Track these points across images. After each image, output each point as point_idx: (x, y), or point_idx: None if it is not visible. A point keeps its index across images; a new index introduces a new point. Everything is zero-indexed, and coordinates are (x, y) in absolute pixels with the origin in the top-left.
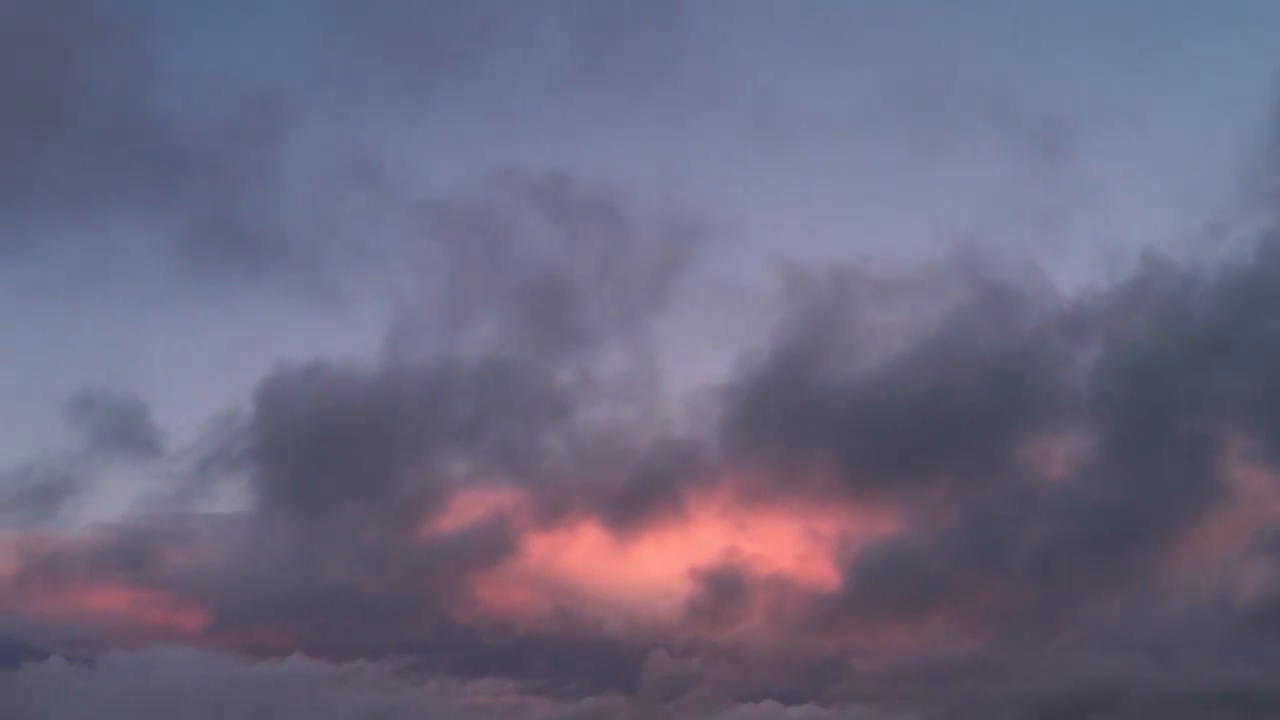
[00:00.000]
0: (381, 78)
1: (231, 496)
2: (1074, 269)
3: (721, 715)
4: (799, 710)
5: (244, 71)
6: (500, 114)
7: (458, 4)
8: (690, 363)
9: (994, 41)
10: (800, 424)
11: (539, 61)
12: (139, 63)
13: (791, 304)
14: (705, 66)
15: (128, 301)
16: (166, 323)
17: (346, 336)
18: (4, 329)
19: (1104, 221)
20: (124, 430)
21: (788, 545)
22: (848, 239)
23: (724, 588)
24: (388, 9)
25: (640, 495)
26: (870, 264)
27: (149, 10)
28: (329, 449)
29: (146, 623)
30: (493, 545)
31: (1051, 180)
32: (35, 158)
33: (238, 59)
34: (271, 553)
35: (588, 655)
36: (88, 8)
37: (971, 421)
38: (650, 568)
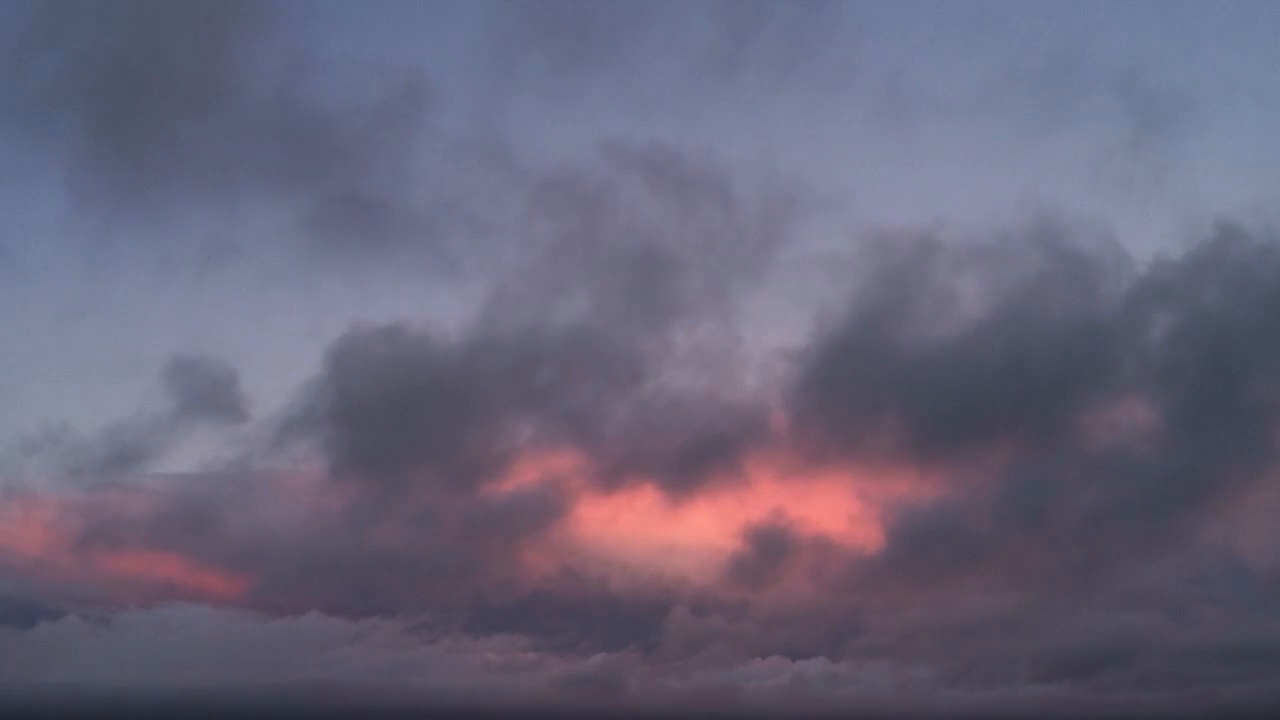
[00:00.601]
0: (529, 63)
1: (303, 458)
2: (1152, 237)
3: (733, 670)
4: (807, 664)
5: (394, 56)
6: (640, 98)
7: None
8: (771, 328)
9: (1124, 19)
10: (869, 388)
11: (684, 46)
12: (290, 47)
13: (871, 270)
14: (841, 49)
15: (251, 273)
16: (284, 293)
17: (452, 305)
18: (133, 300)
19: (1184, 191)
20: (212, 394)
21: (838, 507)
22: (936, 208)
23: (768, 548)
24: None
25: (699, 459)
26: (950, 231)
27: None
28: (400, 412)
29: (169, 581)
30: (543, 509)
31: (1141, 151)
32: (185, 138)
33: (390, 44)
34: (326, 513)
35: (607, 614)
36: None
37: (1039, 387)
38: (698, 530)
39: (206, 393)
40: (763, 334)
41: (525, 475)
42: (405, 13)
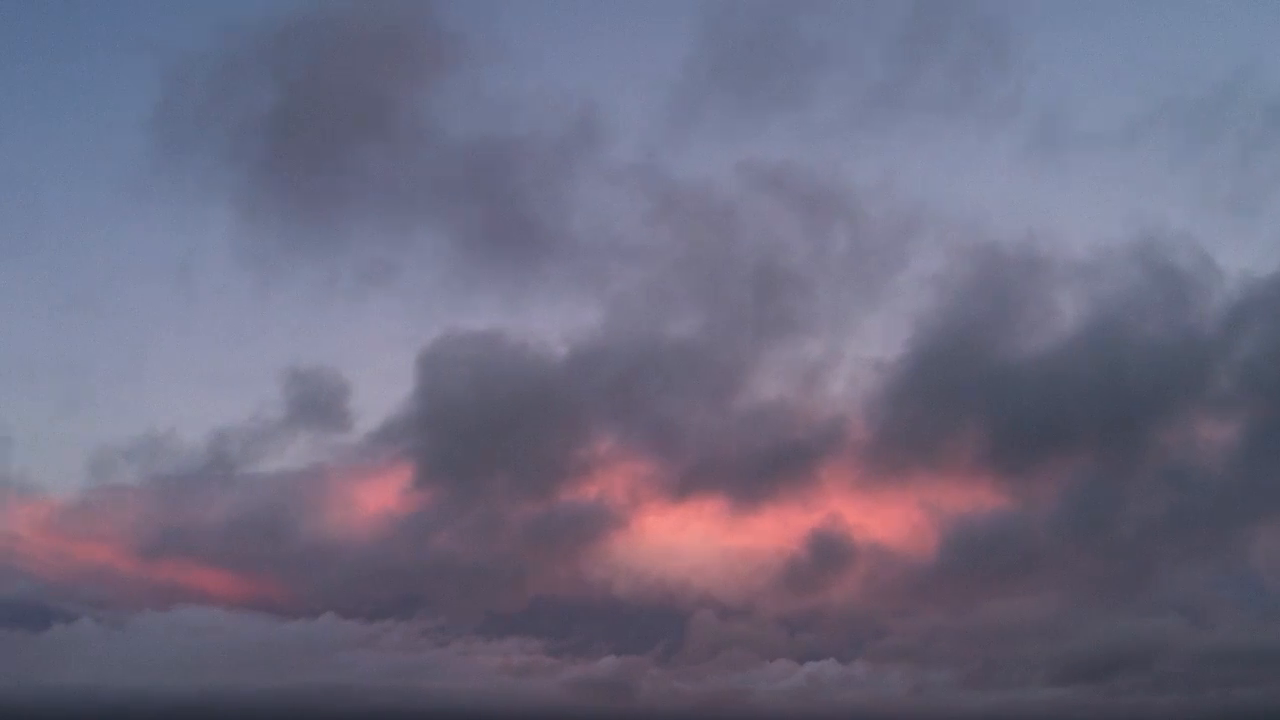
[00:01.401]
0: (703, 98)
1: (387, 464)
2: (1247, 254)
3: (747, 673)
4: (820, 666)
5: (573, 90)
6: (805, 132)
7: (788, 34)
8: (870, 342)
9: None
10: (951, 400)
11: (857, 81)
12: (472, 81)
13: (969, 283)
14: (999, 81)
15: (411, 292)
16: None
17: (562, 318)
18: (295, 319)
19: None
20: (319, 402)
21: (900, 517)
22: (1040, 225)
23: (820, 555)
24: (726, 41)
25: (770, 469)
26: (1050, 246)
27: (487, 31)
28: (485, 420)
29: (185, 583)
30: (605, 518)
31: (1244, 169)
32: (359, 166)
33: (570, 79)
34: (393, 518)
35: (626, 618)
36: (429, 27)
37: (1120, 402)
38: (757, 538)
39: (314, 401)
40: (860, 348)
41: (596, 485)
42: (589, 49)
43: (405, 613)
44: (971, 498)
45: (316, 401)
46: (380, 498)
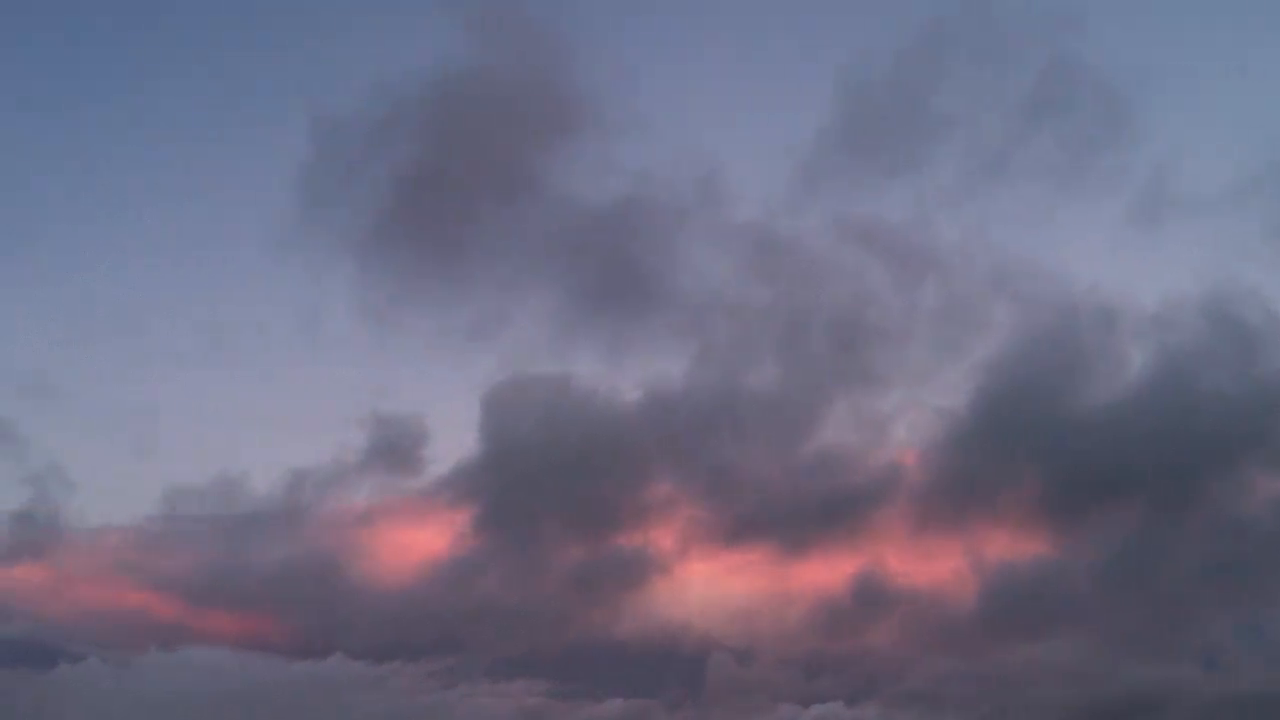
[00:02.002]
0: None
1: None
2: None
3: (748, 718)
4: (821, 709)
5: (698, 152)
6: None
7: (916, 104)
8: (934, 391)
9: None
10: (1010, 448)
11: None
12: (598, 140)
13: (1036, 334)
14: (1110, 152)
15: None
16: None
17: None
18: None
19: None
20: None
21: (941, 563)
22: (1112, 277)
23: (857, 602)
24: (855, 110)
25: (820, 516)
26: (1120, 299)
27: (621, 94)
28: (544, 463)
29: (190, 623)
30: (650, 562)
31: None
32: (480, 227)
33: (695, 140)
34: (435, 561)
35: (639, 661)
36: (562, 89)
37: (1178, 454)
38: (798, 583)
39: (390, 445)
40: (927, 397)
41: (647, 531)
42: (719, 115)
43: (414, 655)
44: (1017, 545)
45: (393, 446)
46: (433, 541)
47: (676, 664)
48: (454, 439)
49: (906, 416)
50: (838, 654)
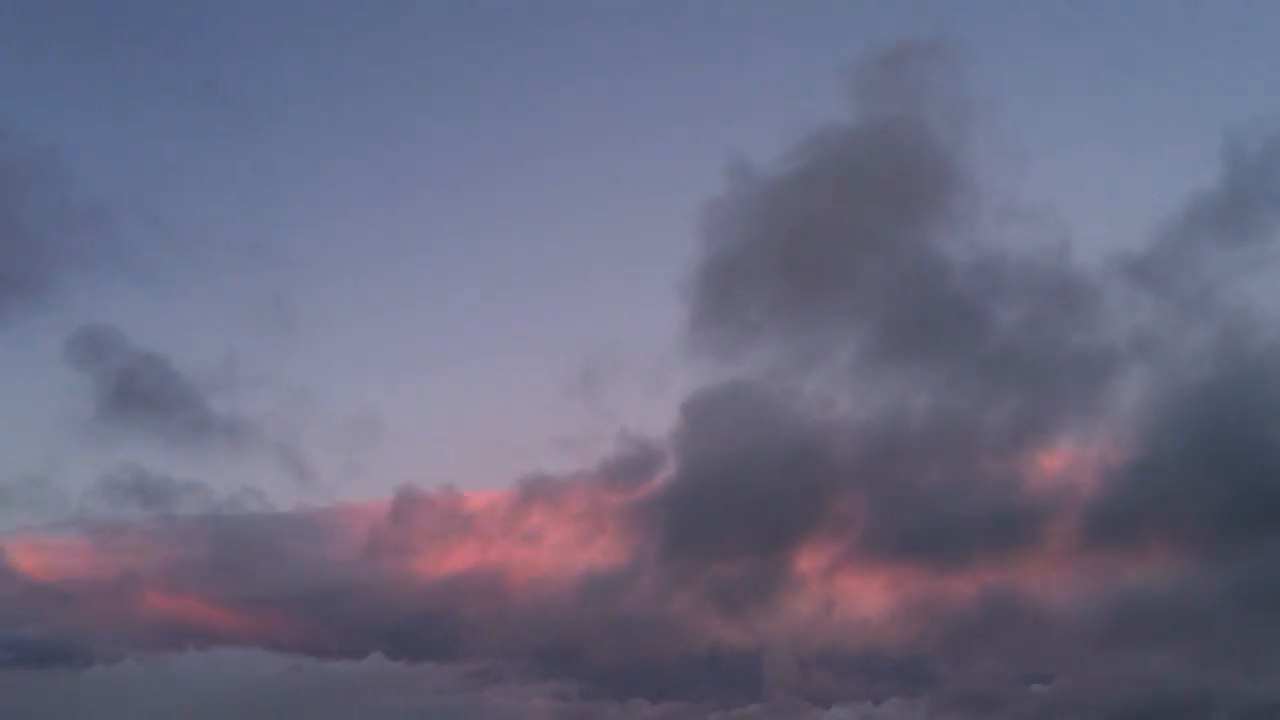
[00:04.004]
0: None
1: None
2: None
3: (801, 717)
4: (841, 710)
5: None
6: None
7: None
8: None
9: None
10: (1176, 473)
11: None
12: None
13: (1225, 363)
14: None
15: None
16: None
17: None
18: None
19: None
20: None
21: (1075, 582)
22: None
23: (972, 617)
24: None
25: (970, 538)
26: None
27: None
28: (720, 477)
29: (227, 624)
30: (770, 584)
31: None
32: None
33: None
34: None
35: (687, 666)
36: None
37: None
38: (919, 600)
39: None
40: (1112, 427)
41: (796, 548)
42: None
43: (448, 656)
44: (1155, 565)
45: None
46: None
47: (742, 670)
48: None
49: (1088, 444)
50: (904, 661)
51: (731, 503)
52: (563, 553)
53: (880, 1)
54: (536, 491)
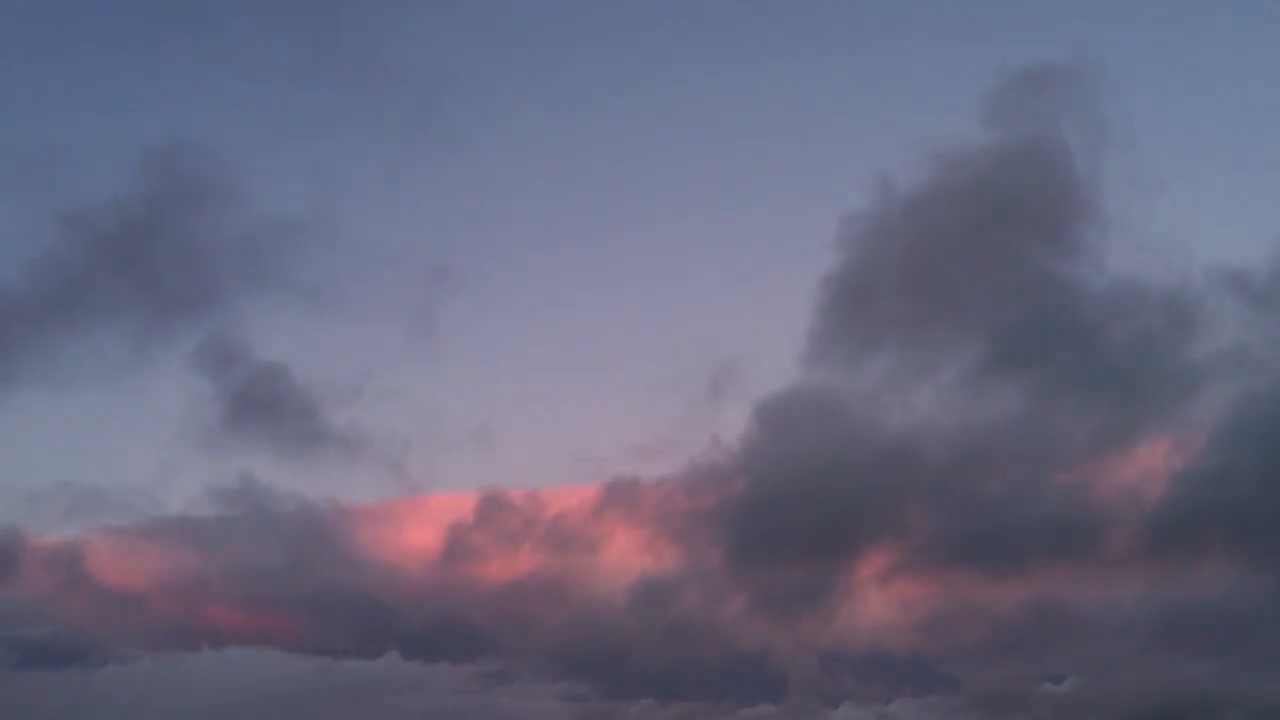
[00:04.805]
0: None
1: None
2: None
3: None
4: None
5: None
6: None
7: None
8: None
9: None
10: (1239, 484)
11: None
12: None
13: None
14: None
15: None
16: None
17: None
18: None
19: None
20: None
21: (1122, 590)
22: None
23: (1012, 622)
24: None
25: (1028, 546)
26: None
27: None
28: (787, 482)
29: (242, 624)
30: (837, 588)
31: None
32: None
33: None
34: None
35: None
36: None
37: None
38: (970, 606)
39: None
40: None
41: (855, 557)
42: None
43: (462, 656)
44: (1208, 574)
45: None
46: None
47: (759, 673)
48: None
49: (1158, 455)
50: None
51: (796, 509)
52: (624, 557)
53: (1024, 23)
54: (617, 495)
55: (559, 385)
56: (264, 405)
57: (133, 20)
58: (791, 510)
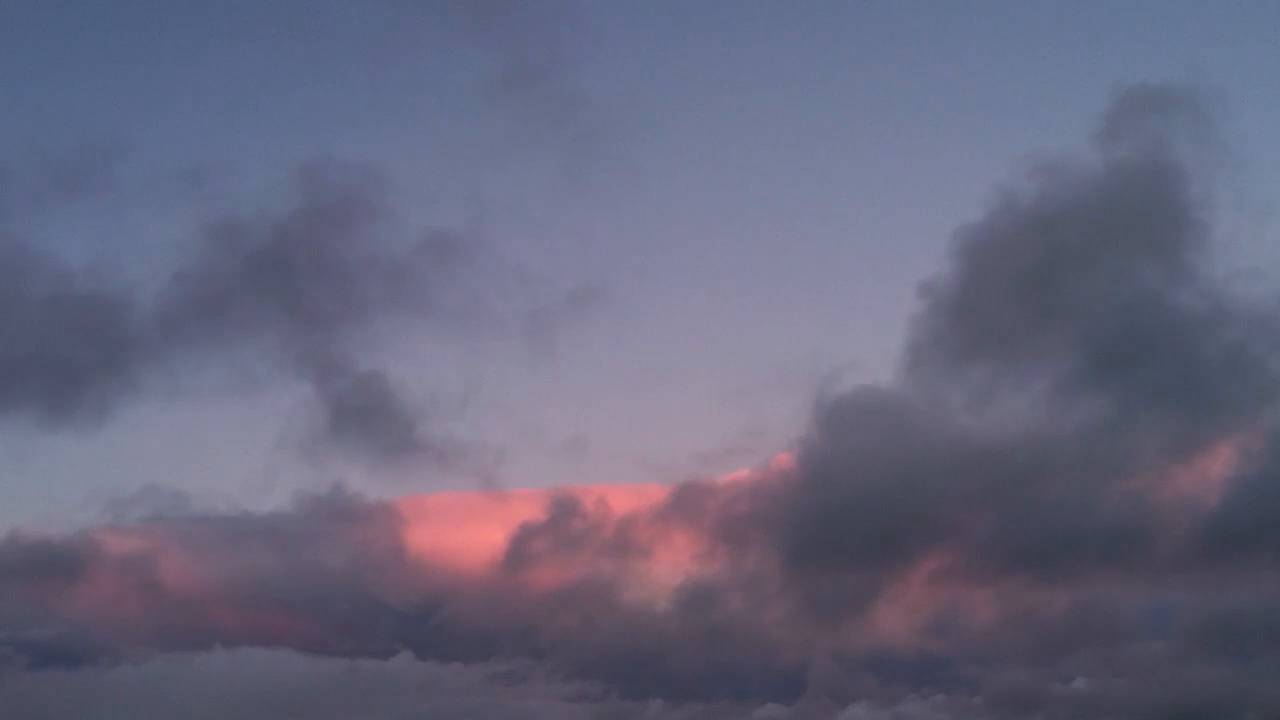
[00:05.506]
0: None
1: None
2: None
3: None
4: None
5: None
6: None
7: None
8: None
9: None
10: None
11: None
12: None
13: None
14: None
15: None
16: None
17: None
18: None
19: None
20: None
21: (1157, 599)
22: None
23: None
24: None
25: (1071, 555)
26: None
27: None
28: (842, 489)
29: (255, 623)
30: (880, 594)
31: None
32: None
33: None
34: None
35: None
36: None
37: None
38: (1010, 611)
39: None
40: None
41: (905, 563)
42: None
43: (477, 655)
44: (1251, 582)
45: None
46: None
47: (779, 674)
48: None
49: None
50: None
51: (857, 516)
52: (677, 562)
53: (1139, 43)
54: (685, 498)
55: (651, 394)
56: (363, 413)
57: (314, 43)
58: (852, 517)
